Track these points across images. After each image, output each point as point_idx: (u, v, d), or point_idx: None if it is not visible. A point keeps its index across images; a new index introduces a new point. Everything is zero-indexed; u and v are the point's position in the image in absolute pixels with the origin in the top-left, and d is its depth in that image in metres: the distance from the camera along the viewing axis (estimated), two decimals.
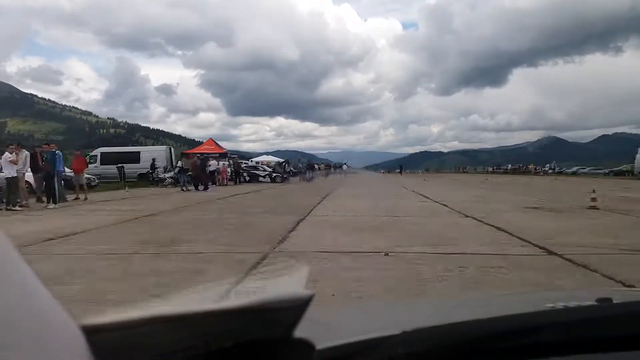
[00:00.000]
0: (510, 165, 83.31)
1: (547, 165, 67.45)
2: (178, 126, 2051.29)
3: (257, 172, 33.10)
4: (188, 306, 0.40)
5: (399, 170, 71.81)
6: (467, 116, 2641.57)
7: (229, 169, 29.12)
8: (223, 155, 30.05)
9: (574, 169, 69.08)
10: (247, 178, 32.55)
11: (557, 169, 64.52)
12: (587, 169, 67.74)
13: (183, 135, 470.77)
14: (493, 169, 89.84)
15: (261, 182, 32.27)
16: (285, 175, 33.30)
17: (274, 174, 32.95)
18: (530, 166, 73.17)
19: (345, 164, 59.90)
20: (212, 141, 31.34)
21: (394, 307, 1.23)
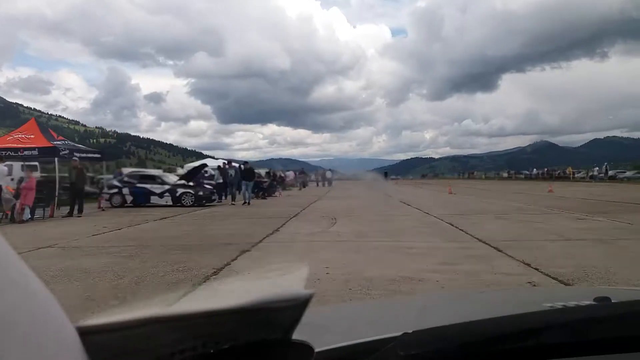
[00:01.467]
0: (535, 170, 66.95)
1: (596, 169, 50.77)
2: (170, 135, 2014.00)
3: (148, 186, 17.49)
4: (185, 307, 0.39)
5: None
6: (461, 121, 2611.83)
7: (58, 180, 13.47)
8: (49, 150, 14.22)
9: (610, 172, 54.71)
10: (129, 199, 17.08)
11: (602, 175, 48.01)
12: (630, 172, 53.72)
13: (175, 145, 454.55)
14: (509, 175, 72.44)
15: (155, 205, 16.81)
16: (201, 193, 17.61)
17: (181, 191, 17.38)
18: (567, 170, 57.15)
19: (329, 170, 44.29)
20: (35, 124, 15.40)
21: (393, 308, 1.20)
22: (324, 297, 4.03)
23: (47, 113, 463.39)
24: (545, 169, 64.85)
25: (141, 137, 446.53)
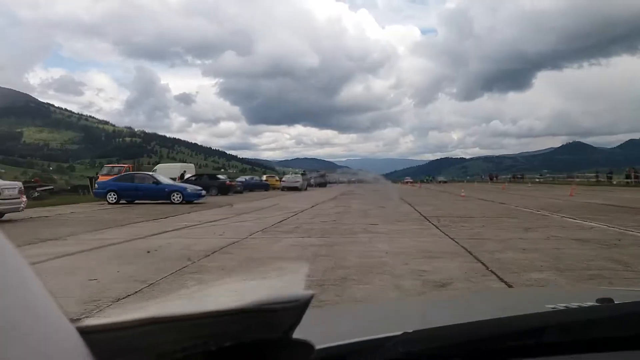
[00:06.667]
0: None
1: None
2: (199, 135, 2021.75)
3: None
4: (187, 307, 0.40)
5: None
6: (489, 122, 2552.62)
7: None
8: None
9: None
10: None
11: None
12: None
13: (200, 144, 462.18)
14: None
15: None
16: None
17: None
18: None
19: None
20: None
21: (393, 308, 1.21)
22: None
23: (78, 113, 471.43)
24: None
25: (167, 136, 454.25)
